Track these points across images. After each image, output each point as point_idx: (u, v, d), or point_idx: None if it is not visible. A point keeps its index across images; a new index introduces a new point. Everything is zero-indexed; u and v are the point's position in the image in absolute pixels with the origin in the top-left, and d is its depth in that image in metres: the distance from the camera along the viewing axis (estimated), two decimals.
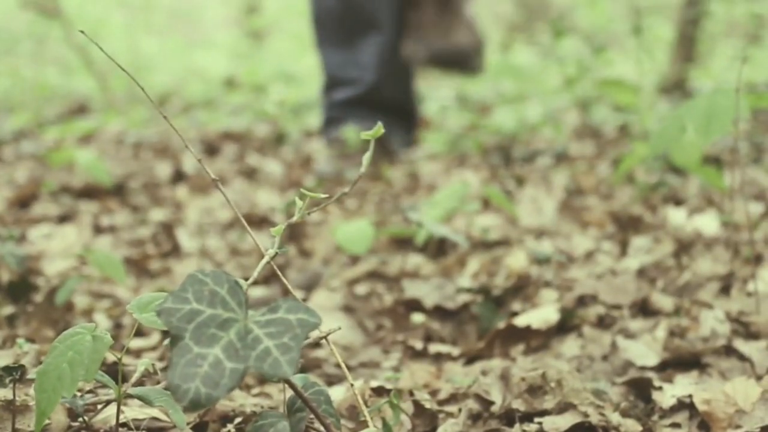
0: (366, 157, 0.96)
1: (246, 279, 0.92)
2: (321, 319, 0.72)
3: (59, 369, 0.80)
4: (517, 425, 1.16)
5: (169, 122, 0.95)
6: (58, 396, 0.81)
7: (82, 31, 1.02)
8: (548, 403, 1.23)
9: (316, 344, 1.54)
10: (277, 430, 0.85)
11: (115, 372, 0.93)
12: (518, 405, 1.22)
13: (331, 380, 1.41)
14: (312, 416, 0.89)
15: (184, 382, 0.67)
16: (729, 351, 1.42)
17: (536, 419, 1.19)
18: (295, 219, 0.96)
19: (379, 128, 0.97)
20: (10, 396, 1.00)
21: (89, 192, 2.84)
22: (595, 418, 1.19)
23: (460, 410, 1.23)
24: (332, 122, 3.36)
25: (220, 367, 0.68)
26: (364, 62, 3.31)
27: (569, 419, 1.19)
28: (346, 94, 3.35)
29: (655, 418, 1.23)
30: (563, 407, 1.22)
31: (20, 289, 1.72)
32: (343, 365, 0.95)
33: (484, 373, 1.41)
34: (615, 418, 1.20)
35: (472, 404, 1.26)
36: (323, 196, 0.94)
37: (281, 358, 0.68)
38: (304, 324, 0.71)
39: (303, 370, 1.01)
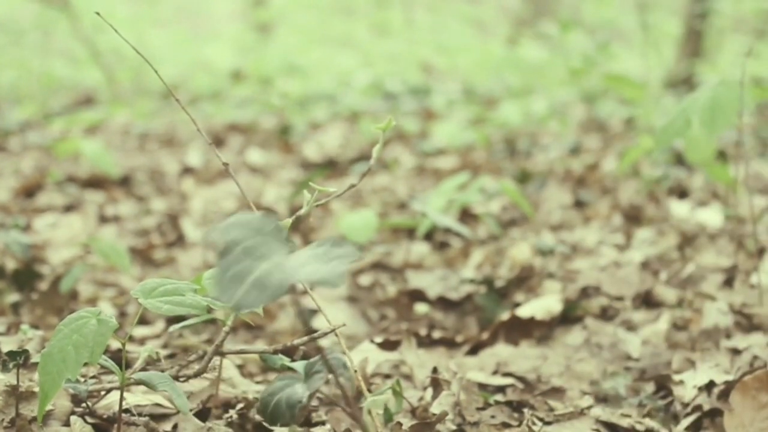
0: (376, 149, 0.96)
1: None
2: (362, 255, 0.74)
3: (64, 351, 0.80)
4: None
5: (182, 106, 0.96)
6: (62, 378, 0.81)
7: (97, 13, 1.03)
8: None
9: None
10: (294, 391, 0.87)
11: (119, 359, 0.93)
12: None
13: None
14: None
15: (233, 284, 0.69)
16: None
17: None
18: (303, 212, 0.96)
19: (389, 121, 0.96)
20: (13, 381, 1.00)
21: (95, 182, 2.84)
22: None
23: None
24: None
25: (268, 278, 0.69)
26: None
27: None
28: None
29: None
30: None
31: (25, 277, 1.73)
32: (347, 352, 0.95)
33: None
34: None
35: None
36: (331, 190, 0.94)
37: (330, 270, 0.70)
38: (347, 255, 0.73)
39: (305, 358, 1.02)
